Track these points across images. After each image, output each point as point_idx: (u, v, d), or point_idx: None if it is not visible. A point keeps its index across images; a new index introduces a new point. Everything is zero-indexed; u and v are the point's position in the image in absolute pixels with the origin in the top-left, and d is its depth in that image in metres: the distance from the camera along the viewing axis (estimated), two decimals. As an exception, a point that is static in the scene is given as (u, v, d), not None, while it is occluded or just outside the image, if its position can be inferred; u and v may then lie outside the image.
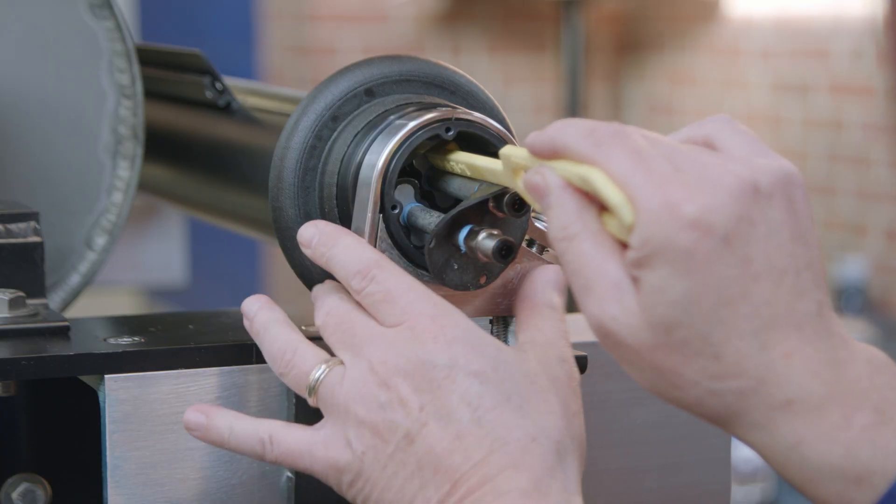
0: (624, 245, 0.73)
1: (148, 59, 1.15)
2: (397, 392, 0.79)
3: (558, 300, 0.86)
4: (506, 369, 0.80)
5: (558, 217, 0.75)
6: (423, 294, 0.81)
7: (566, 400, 0.80)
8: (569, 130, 0.75)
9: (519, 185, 0.80)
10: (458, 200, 0.85)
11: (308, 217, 0.89)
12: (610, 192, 0.72)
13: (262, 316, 0.85)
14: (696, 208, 0.71)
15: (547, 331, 0.84)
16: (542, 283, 0.86)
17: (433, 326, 0.80)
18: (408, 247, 0.85)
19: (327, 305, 0.84)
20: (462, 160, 0.85)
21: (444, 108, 0.86)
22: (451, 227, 0.83)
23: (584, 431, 0.81)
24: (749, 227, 0.72)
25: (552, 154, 0.76)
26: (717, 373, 0.73)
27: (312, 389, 0.82)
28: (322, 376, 0.82)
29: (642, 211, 0.71)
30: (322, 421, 0.82)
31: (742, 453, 3.50)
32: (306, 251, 0.85)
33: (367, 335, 0.81)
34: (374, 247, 0.84)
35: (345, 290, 0.84)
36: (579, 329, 1.03)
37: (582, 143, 0.74)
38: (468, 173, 0.85)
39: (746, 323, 0.72)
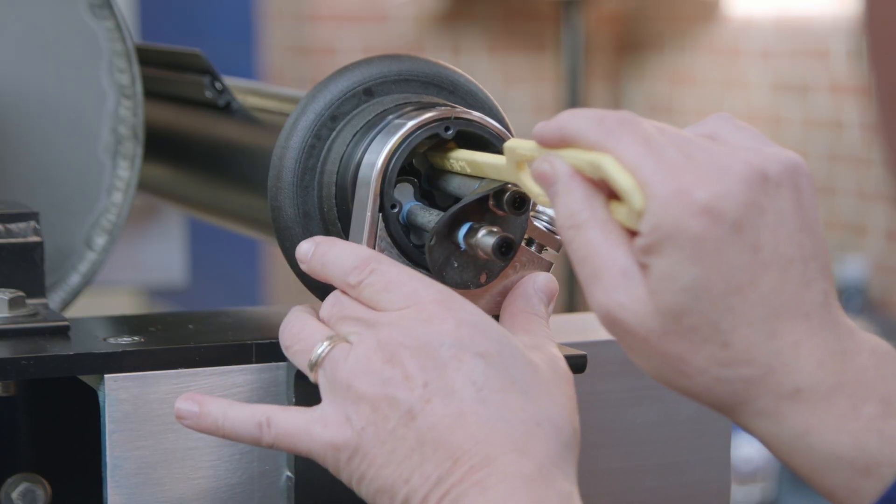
0: (632, 234, 0.73)
1: (148, 58, 1.15)
2: (402, 368, 0.79)
3: (545, 310, 0.86)
4: (511, 354, 0.80)
5: (566, 205, 0.75)
6: (426, 281, 0.81)
7: (567, 393, 0.81)
8: (578, 119, 0.75)
9: (522, 179, 0.80)
10: (457, 199, 0.85)
11: (307, 216, 0.89)
12: (621, 177, 0.72)
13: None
14: (707, 194, 0.71)
15: (539, 334, 0.84)
16: (530, 293, 0.86)
17: (440, 309, 0.80)
18: (407, 246, 0.85)
19: (331, 299, 0.84)
20: (462, 157, 0.85)
21: (442, 108, 0.86)
22: (452, 225, 0.83)
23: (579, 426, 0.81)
24: (758, 214, 0.72)
25: (560, 143, 0.76)
26: (726, 360, 0.73)
27: (314, 364, 0.82)
28: (326, 351, 0.81)
29: (653, 197, 0.71)
30: (321, 402, 0.81)
31: (742, 453, 3.50)
32: (303, 266, 0.85)
33: (373, 318, 0.81)
34: (374, 246, 0.84)
35: None
36: (579, 329, 1.03)
37: (592, 130, 0.74)
38: (468, 170, 0.85)
39: (755, 310, 0.72)
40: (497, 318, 0.88)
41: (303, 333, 0.83)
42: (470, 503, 0.75)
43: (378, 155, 0.84)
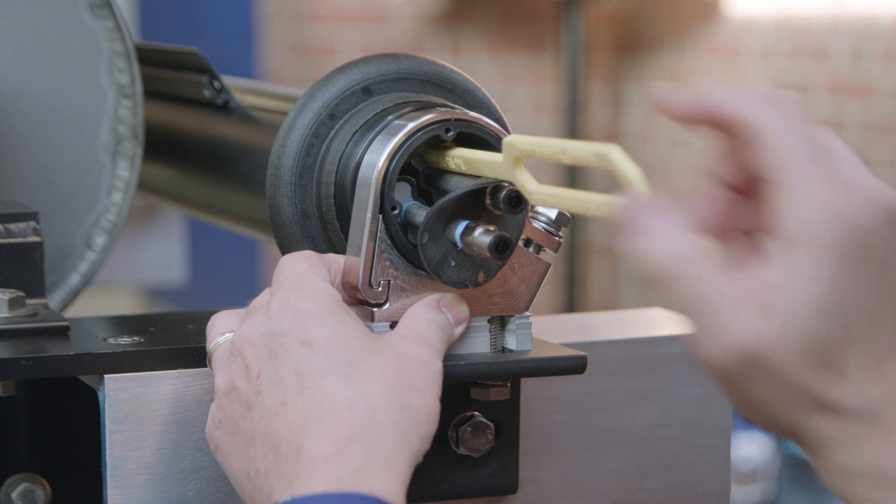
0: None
1: (146, 58, 1.15)
2: (242, 359, 0.80)
3: (443, 318, 0.85)
4: (344, 339, 0.79)
5: (666, 242, 0.69)
6: (298, 271, 0.82)
7: (407, 374, 0.79)
8: (742, 96, 0.71)
9: (517, 176, 0.80)
10: (455, 198, 0.85)
11: (305, 215, 0.89)
12: (628, 167, 0.71)
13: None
14: (854, 213, 0.68)
15: (423, 317, 0.84)
16: (429, 300, 0.85)
17: (284, 297, 0.81)
18: (407, 247, 0.85)
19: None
20: (458, 155, 0.85)
21: (442, 109, 0.86)
22: (446, 221, 0.83)
23: (433, 410, 0.79)
24: (890, 250, 0.70)
25: (702, 118, 0.72)
26: (842, 392, 0.70)
27: (208, 359, 0.84)
28: (213, 348, 0.84)
29: (800, 202, 0.69)
30: None
31: (742, 453, 3.50)
32: None
33: (249, 312, 0.83)
34: (374, 247, 0.84)
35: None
36: (579, 329, 1.03)
37: (759, 109, 0.70)
38: (464, 168, 0.84)
39: (874, 345, 0.70)
40: (497, 319, 0.87)
41: (211, 329, 0.85)
42: (284, 498, 0.75)
43: (379, 156, 0.84)
